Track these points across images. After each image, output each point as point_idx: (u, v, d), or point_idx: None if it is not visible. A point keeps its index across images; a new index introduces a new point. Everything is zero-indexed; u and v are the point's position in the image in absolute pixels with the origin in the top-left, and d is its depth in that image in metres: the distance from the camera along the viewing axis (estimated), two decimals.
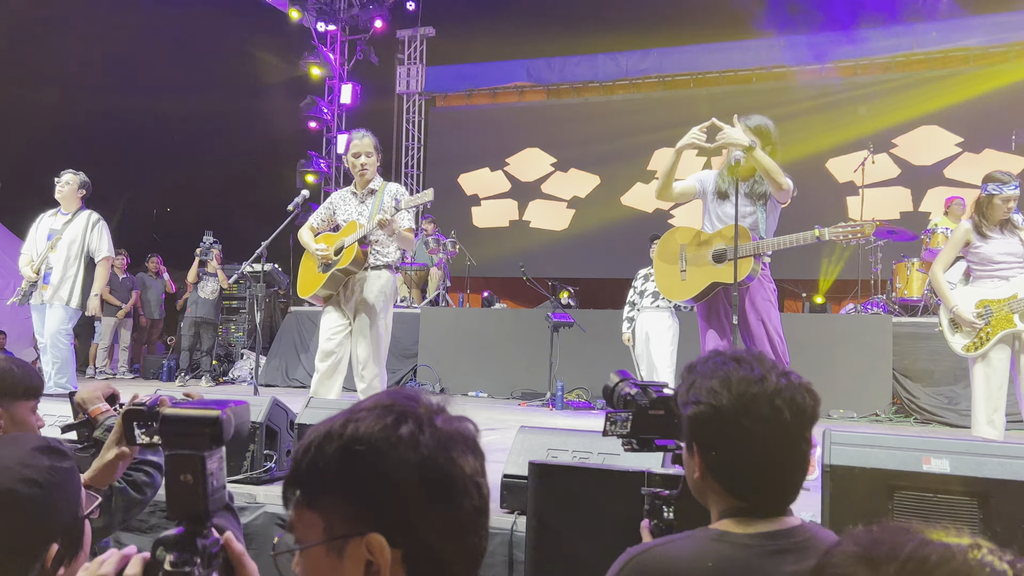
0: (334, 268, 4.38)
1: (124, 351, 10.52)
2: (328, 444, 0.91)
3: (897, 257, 8.46)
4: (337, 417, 0.94)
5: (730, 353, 1.37)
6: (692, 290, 3.95)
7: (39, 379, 1.97)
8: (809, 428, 1.34)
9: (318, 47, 13.53)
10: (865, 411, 7.38)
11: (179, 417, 1.21)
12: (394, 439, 0.89)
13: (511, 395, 8.51)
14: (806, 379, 1.36)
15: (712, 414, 1.31)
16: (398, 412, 0.92)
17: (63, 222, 5.90)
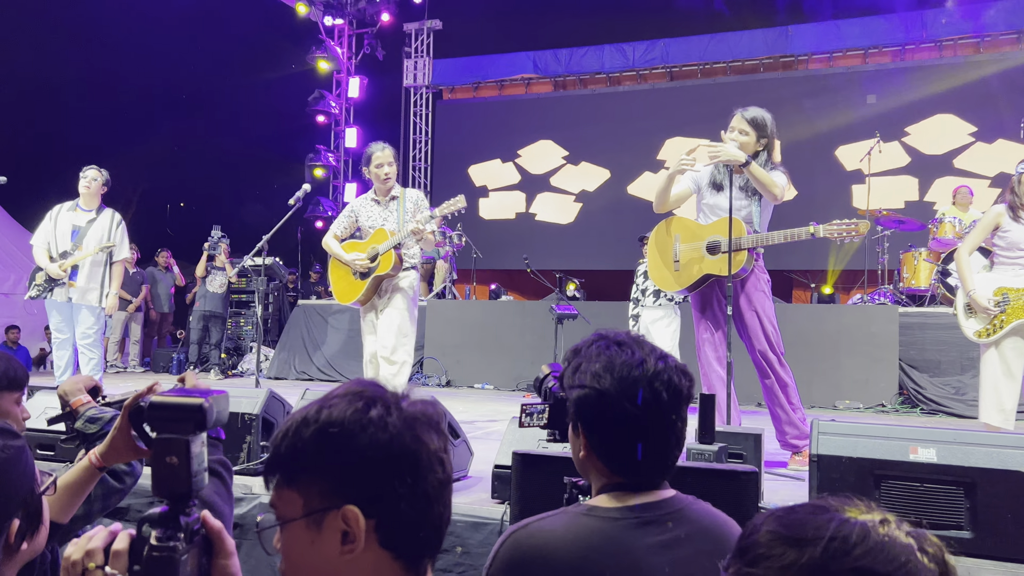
0: (374, 274, 4.61)
1: (135, 345, 10.63)
2: (304, 428, 0.99)
3: (904, 247, 8.41)
4: (312, 404, 1.02)
5: (612, 336, 1.44)
6: (685, 281, 3.95)
7: (23, 371, 2.00)
8: (684, 407, 1.42)
9: (325, 41, 13.57)
10: (871, 402, 7.35)
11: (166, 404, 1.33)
12: (364, 421, 0.98)
13: (516, 387, 8.53)
14: (681, 361, 1.44)
15: (596, 397, 1.38)
16: (367, 397, 1.01)
17: (87, 219, 5.92)
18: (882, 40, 11.47)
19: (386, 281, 4.67)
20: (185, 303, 11.31)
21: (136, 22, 16.11)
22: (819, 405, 7.44)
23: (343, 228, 4.88)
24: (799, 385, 7.37)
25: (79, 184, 5.94)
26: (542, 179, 13.05)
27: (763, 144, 3.93)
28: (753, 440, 2.94)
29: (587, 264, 12.03)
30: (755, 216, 3.91)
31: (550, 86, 13.39)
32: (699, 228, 3.99)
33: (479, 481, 3.47)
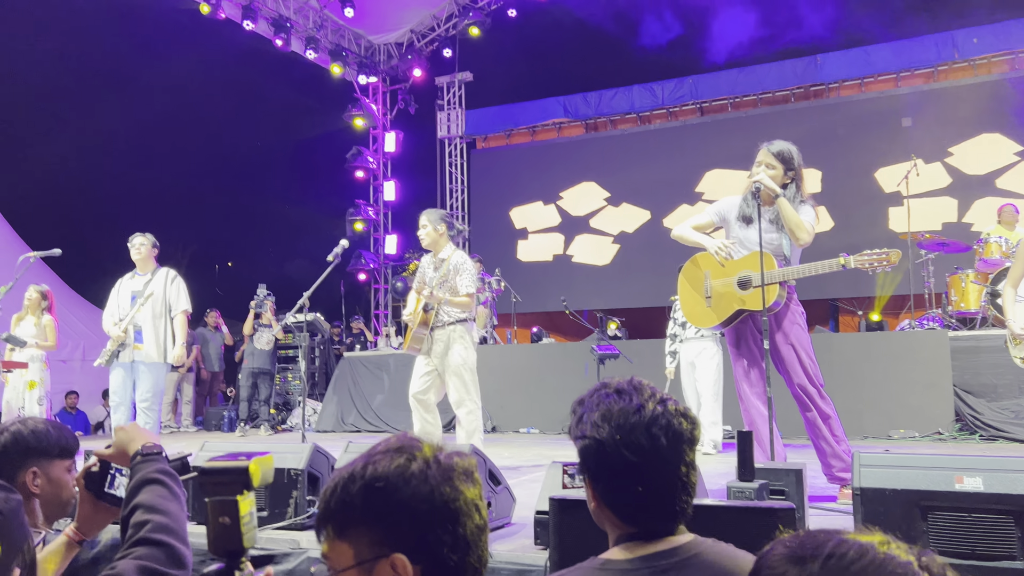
0: (413, 330, 5.22)
1: (187, 404, 10.86)
2: (352, 484, 1.07)
3: (950, 269, 8.24)
4: (357, 460, 1.11)
5: (613, 384, 1.43)
6: (718, 317, 3.93)
7: (74, 439, 2.09)
8: (688, 451, 1.38)
9: (361, 99, 13.96)
10: (927, 430, 7.15)
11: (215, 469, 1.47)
12: (407, 475, 1.06)
13: (562, 430, 8.49)
14: (682, 404, 1.41)
15: (596, 447, 1.37)
16: (408, 452, 1.09)
17: (144, 282, 6.14)
18: (913, 63, 11.40)
19: (425, 338, 5.16)
20: (234, 361, 11.56)
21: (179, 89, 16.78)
22: (873, 436, 7.26)
23: (416, 283, 5.43)
24: (851, 416, 7.29)
25: (131, 254, 6.17)
26: (582, 221, 13.12)
27: (791, 176, 3.93)
28: (795, 475, 2.90)
29: (627, 302, 12.00)
30: (785, 248, 3.90)
31: (581, 129, 13.55)
32: (729, 263, 3.99)
33: (523, 528, 3.47)
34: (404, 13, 13.57)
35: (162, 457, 1.70)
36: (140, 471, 1.63)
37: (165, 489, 1.59)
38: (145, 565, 1.38)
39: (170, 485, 1.61)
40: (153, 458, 1.67)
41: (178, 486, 1.64)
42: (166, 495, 1.57)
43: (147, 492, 1.56)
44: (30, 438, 1.97)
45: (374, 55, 14.19)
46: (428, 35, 13.78)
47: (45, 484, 1.97)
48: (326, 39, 13.12)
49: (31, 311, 7.20)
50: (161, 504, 1.54)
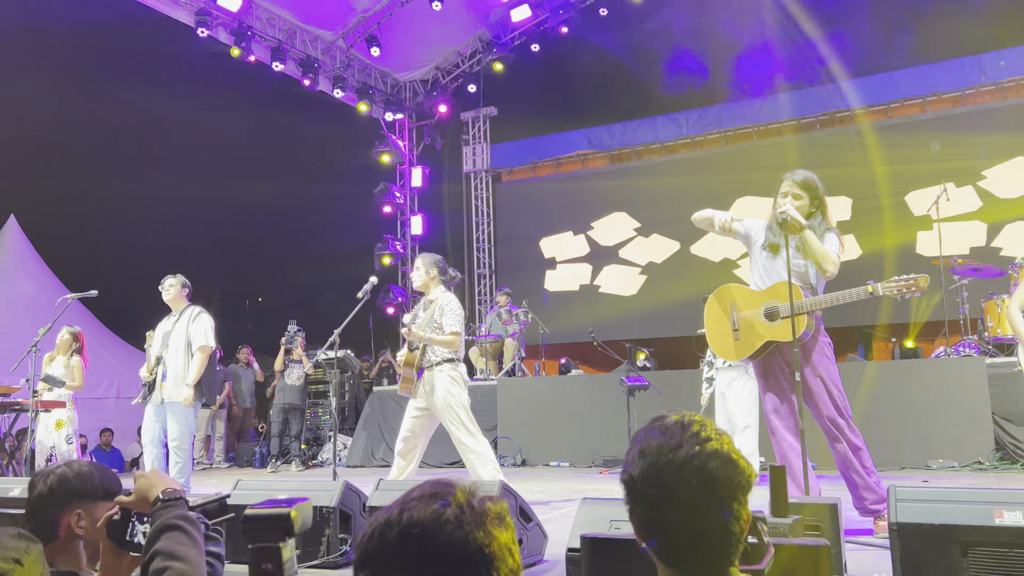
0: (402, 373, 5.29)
1: (219, 441, 10.95)
2: (388, 530, 1.09)
3: (984, 295, 8.11)
4: (393, 506, 1.13)
5: (665, 421, 1.38)
6: (747, 350, 3.90)
7: (117, 482, 2.13)
8: (724, 495, 1.30)
9: (387, 136, 14.17)
10: (966, 459, 7.00)
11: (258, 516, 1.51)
12: (441, 521, 1.08)
13: (592, 463, 8.43)
14: (728, 448, 1.34)
15: (630, 482, 1.35)
16: (442, 498, 1.11)
17: (172, 323, 6.26)
18: (940, 87, 11.33)
19: (413, 379, 5.23)
20: (266, 397, 11.66)
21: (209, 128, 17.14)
22: (911, 466, 7.12)
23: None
24: (887, 446, 7.17)
25: (162, 295, 6.28)
26: (611, 251, 13.10)
27: (816, 205, 3.93)
28: (829, 510, 2.85)
29: (656, 332, 11.94)
30: (812, 277, 3.88)
31: (606, 160, 13.60)
32: (754, 295, 3.96)
33: (555, 565, 3.45)
34: (429, 51, 13.81)
35: (182, 502, 1.71)
36: (160, 517, 1.64)
37: (184, 535, 1.60)
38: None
39: (189, 531, 1.62)
40: (173, 504, 1.69)
41: (197, 531, 1.65)
42: (185, 541, 1.58)
43: (166, 539, 1.57)
44: (75, 480, 2.02)
45: (400, 92, 14.43)
46: (453, 71, 13.99)
47: (89, 526, 2.01)
48: (353, 78, 13.37)
49: (62, 351, 7.36)
50: (180, 551, 1.54)
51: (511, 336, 10.72)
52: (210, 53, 12.06)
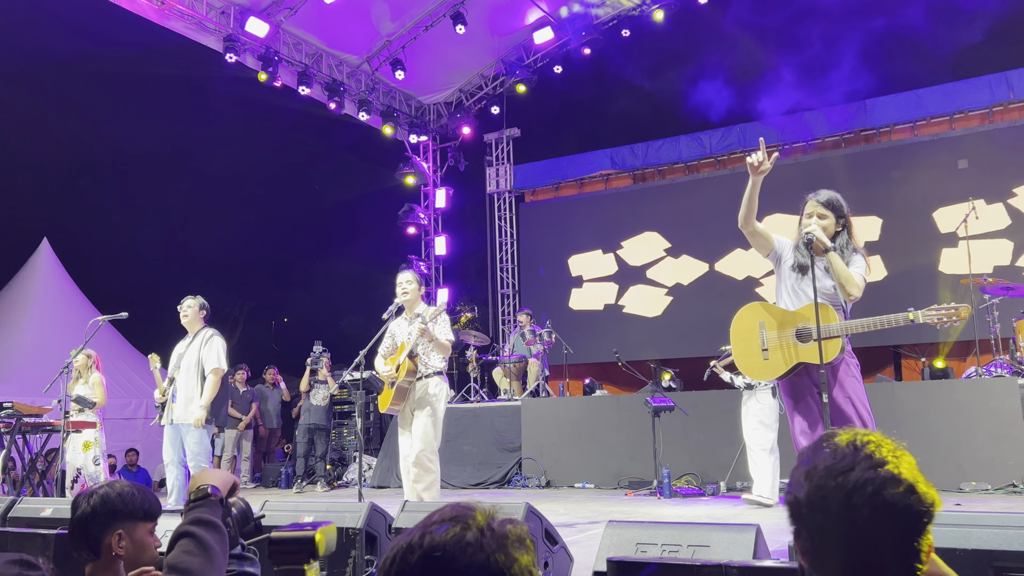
0: (397, 383, 5.21)
1: (246, 461, 11.02)
2: (411, 554, 1.09)
3: (1016, 314, 7.98)
4: (415, 530, 1.13)
5: (835, 440, 1.27)
6: (777, 370, 3.87)
7: (157, 502, 2.18)
8: (901, 525, 1.18)
9: (412, 157, 14.30)
10: (1000, 482, 6.86)
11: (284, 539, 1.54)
12: (463, 544, 1.08)
13: (618, 485, 8.37)
14: (908, 473, 1.22)
15: (795, 505, 1.25)
16: (463, 521, 1.12)
17: (187, 344, 6.36)
18: (967, 104, 11.24)
19: (409, 388, 5.20)
20: (291, 417, 11.72)
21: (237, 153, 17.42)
22: (943, 489, 6.99)
23: (386, 348, 5.48)
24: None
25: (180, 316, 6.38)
26: (639, 271, 13.06)
27: (842, 224, 3.91)
28: None
29: (681, 352, 11.87)
30: (841, 298, 3.85)
31: (629, 180, 13.62)
32: (784, 314, 3.93)
33: None
34: (452, 73, 13.95)
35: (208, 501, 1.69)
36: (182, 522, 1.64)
37: (194, 543, 1.57)
38: None
39: (200, 536, 1.59)
40: (196, 505, 1.68)
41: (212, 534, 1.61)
42: (193, 550, 1.56)
43: (176, 549, 1.56)
44: (117, 501, 2.07)
45: (424, 115, 14.58)
46: (476, 93, 14.11)
47: (129, 546, 2.05)
48: (378, 101, 13.53)
49: (81, 373, 7.47)
50: (184, 562, 1.53)
51: (535, 356, 10.71)
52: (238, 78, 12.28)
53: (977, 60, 10.89)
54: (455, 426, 9.56)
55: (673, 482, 7.56)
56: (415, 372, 5.18)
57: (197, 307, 6.40)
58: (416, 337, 5.14)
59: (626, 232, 13.16)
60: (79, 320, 9.92)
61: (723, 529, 2.92)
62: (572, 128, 13.92)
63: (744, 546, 2.77)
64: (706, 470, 7.88)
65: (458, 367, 11.96)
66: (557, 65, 13.15)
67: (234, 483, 1.84)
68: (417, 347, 5.18)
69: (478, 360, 10.88)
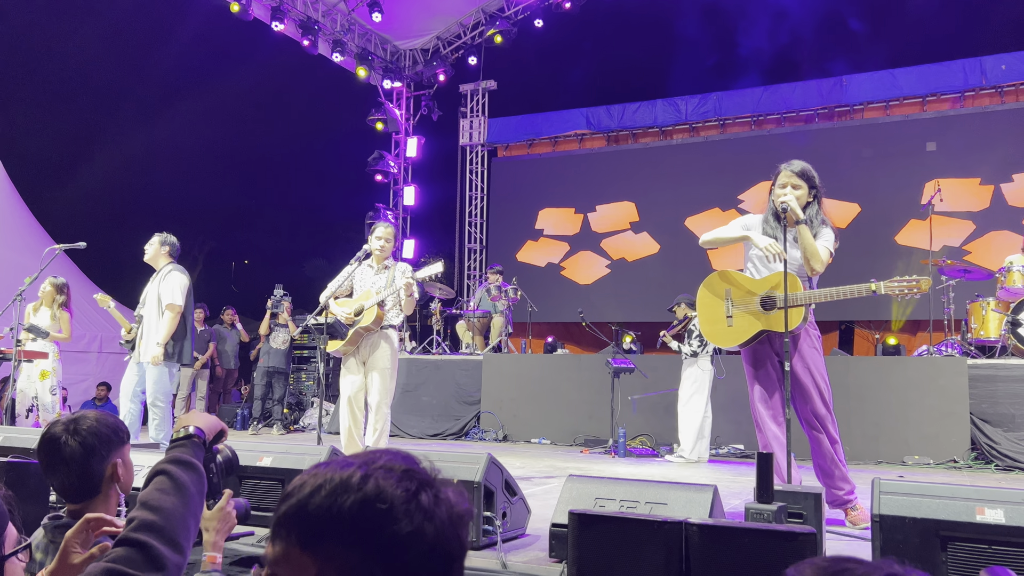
0: (357, 327, 5.14)
1: (201, 401, 10.92)
2: (344, 494, 0.90)
3: (971, 296, 8.18)
4: (350, 466, 0.93)
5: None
6: (740, 337, 3.92)
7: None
8: None
9: (384, 103, 14.03)
10: (942, 458, 7.10)
11: None
12: (413, 506, 0.91)
13: (574, 442, 8.49)
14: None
15: None
16: (418, 480, 0.93)
17: (150, 282, 6.24)
18: (940, 88, 11.35)
19: (367, 335, 5.19)
20: (249, 359, 11.62)
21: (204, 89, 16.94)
22: (887, 461, 7.22)
23: (339, 286, 5.42)
24: (865, 440, 7.27)
25: None
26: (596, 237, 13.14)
27: (813, 195, 3.96)
28: (813, 499, 2.89)
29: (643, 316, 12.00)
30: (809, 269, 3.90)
31: (603, 141, 13.56)
32: (751, 282, 3.98)
33: (536, 539, 3.48)
34: (431, 20, 13.66)
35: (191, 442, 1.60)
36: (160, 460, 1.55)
37: (169, 481, 1.47)
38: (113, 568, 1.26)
39: (175, 475, 1.49)
40: (178, 444, 1.59)
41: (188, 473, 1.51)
42: (167, 487, 1.46)
43: (151, 486, 1.47)
44: (106, 431, 2.02)
45: (399, 60, 14.29)
46: (454, 42, 13.85)
47: (123, 470, 2.04)
48: (353, 43, 13.22)
49: (46, 302, 7.29)
50: (155, 499, 1.43)
51: (500, 312, 10.73)
52: (208, 7, 11.88)
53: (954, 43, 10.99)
54: (416, 376, 9.58)
55: (628, 442, 7.69)
56: (380, 322, 5.17)
57: (158, 244, 6.27)
58: (392, 290, 5.12)
59: (603, 197, 13.15)
60: (34, 247, 9.65)
61: (681, 488, 2.98)
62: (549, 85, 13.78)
63: (701, 505, 2.83)
64: (660, 432, 8.02)
65: (421, 319, 11.93)
66: (538, 19, 12.94)
67: (222, 429, 1.75)
68: (388, 299, 5.18)
69: (442, 313, 10.85)
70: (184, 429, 1.63)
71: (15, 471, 3.25)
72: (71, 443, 1.95)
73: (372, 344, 5.19)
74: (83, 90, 16.29)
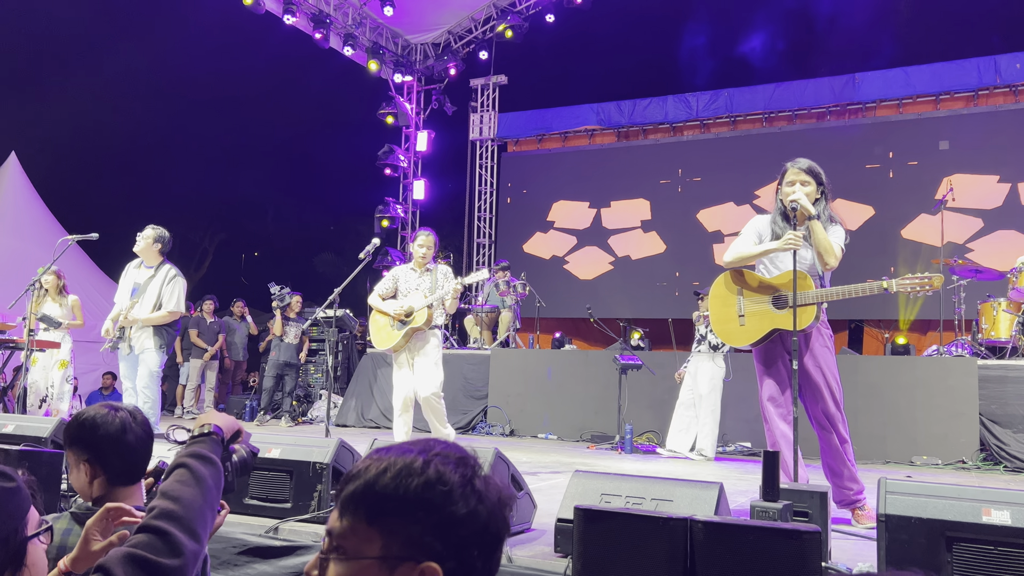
0: (409, 326, 5.48)
1: (210, 391, 10.99)
2: (410, 477, 1.01)
3: (982, 297, 8.14)
4: (411, 452, 1.04)
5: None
6: (752, 336, 3.91)
7: None
8: None
9: (395, 97, 14.04)
10: (950, 458, 7.07)
11: None
12: (469, 490, 1.02)
13: (580, 438, 8.50)
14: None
15: None
16: (471, 467, 1.05)
17: (147, 277, 6.28)
18: (953, 86, 11.28)
19: (417, 334, 5.54)
20: (258, 351, 11.67)
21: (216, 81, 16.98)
22: (895, 461, 7.20)
23: (386, 289, 5.73)
24: (873, 440, 7.25)
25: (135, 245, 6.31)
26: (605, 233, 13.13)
27: (821, 192, 3.94)
28: (819, 498, 2.89)
29: (652, 312, 11.99)
30: (819, 266, 3.89)
31: (613, 137, 13.54)
32: (763, 282, 3.97)
33: (542, 534, 3.49)
34: (442, 14, 13.65)
35: (210, 439, 1.64)
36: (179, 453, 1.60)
37: (188, 473, 1.53)
38: (134, 554, 1.31)
39: (195, 468, 1.54)
40: (197, 440, 1.63)
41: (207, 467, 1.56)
42: (186, 479, 1.51)
43: (171, 478, 1.53)
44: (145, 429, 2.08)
45: (410, 54, 14.29)
46: (465, 36, 13.84)
47: None
48: (364, 36, 13.23)
49: (51, 295, 7.35)
50: (175, 490, 1.48)
51: (508, 307, 10.74)
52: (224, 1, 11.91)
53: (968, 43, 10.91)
54: None
55: (635, 438, 7.70)
56: (431, 323, 5.52)
57: (152, 238, 6.30)
58: (442, 293, 5.48)
59: (616, 193, 13.12)
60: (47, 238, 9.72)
61: (687, 485, 2.99)
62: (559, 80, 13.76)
63: (707, 502, 2.83)
64: (667, 429, 8.01)
65: None
66: (549, 14, 12.92)
67: (239, 430, 1.79)
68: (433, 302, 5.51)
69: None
70: (205, 427, 1.68)
71: (28, 459, 3.28)
72: (136, 429, 2.05)
73: (422, 340, 5.54)
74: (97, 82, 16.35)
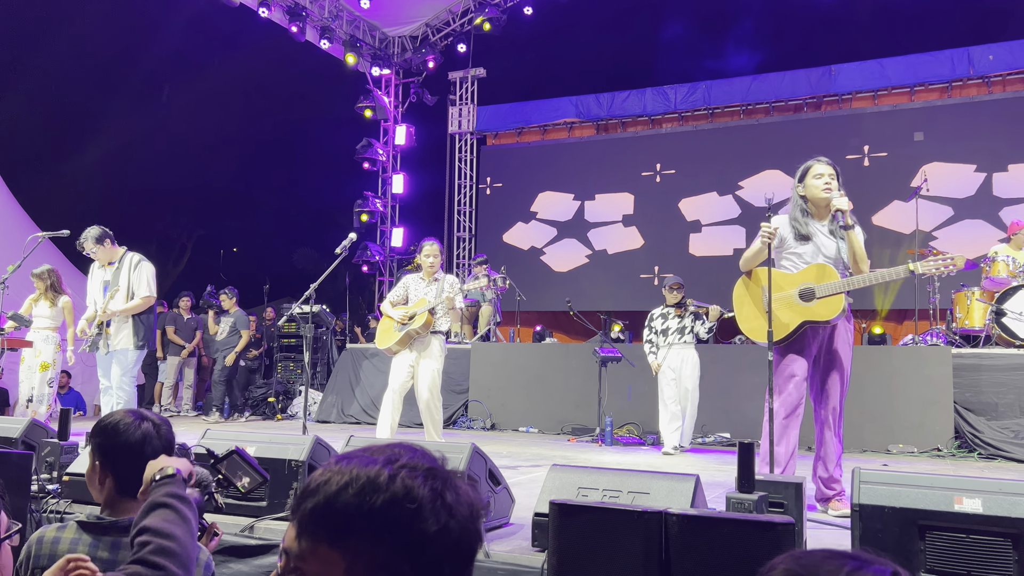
0: (408, 329, 5.75)
1: (188, 389, 10.89)
2: (375, 493, 0.91)
3: (956, 286, 8.23)
4: (376, 464, 0.94)
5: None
6: (782, 331, 3.85)
7: None
8: None
9: (373, 91, 13.95)
10: (926, 446, 7.16)
11: None
12: (438, 505, 0.93)
13: (561, 431, 8.51)
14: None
15: None
16: (442, 479, 0.96)
17: (113, 271, 6.21)
18: (928, 77, 11.38)
19: (417, 338, 5.78)
20: None
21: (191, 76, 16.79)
22: (872, 449, 7.27)
23: (397, 296, 6.05)
24: (850, 429, 7.28)
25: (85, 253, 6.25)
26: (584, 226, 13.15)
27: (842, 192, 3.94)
28: (794, 489, 2.91)
29: (633, 305, 12.02)
30: (844, 255, 3.90)
31: (592, 130, 13.53)
32: (788, 276, 3.94)
33: (520, 528, 3.49)
34: (420, 7, 13.57)
35: (176, 480, 1.71)
36: (153, 495, 1.66)
37: (174, 514, 1.60)
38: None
39: (179, 509, 1.62)
40: (166, 481, 1.70)
41: (189, 509, 1.64)
42: (173, 519, 1.58)
43: (155, 516, 1.59)
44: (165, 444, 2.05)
45: (388, 47, 14.20)
46: (443, 29, 13.77)
47: None
48: (341, 29, 13.12)
49: (44, 295, 7.25)
50: (166, 528, 1.55)
51: (489, 301, 10.72)
52: None
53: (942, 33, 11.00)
54: None
55: (615, 431, 7.72)
56: (430, 327, 5.77)
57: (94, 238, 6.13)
58: (441, 299, 5.75)
59: (597, 186, 13.13)
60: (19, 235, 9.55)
61: (663, 477, 2.99)
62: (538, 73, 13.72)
63: (683, 495, 2.83)
64: (647, 420, 8.04)
65: None
66: (528, 6, 12.88)
67: (191, 472, 1.84)
68: (437, 307, 5.77)
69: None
70: (165, 470, 1.73)
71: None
72: (156, 443, 2.01)
73: (425, 344, 5.80)
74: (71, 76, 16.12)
